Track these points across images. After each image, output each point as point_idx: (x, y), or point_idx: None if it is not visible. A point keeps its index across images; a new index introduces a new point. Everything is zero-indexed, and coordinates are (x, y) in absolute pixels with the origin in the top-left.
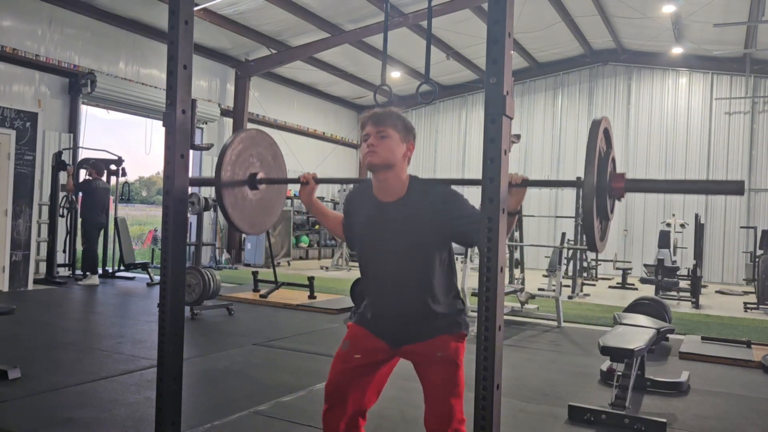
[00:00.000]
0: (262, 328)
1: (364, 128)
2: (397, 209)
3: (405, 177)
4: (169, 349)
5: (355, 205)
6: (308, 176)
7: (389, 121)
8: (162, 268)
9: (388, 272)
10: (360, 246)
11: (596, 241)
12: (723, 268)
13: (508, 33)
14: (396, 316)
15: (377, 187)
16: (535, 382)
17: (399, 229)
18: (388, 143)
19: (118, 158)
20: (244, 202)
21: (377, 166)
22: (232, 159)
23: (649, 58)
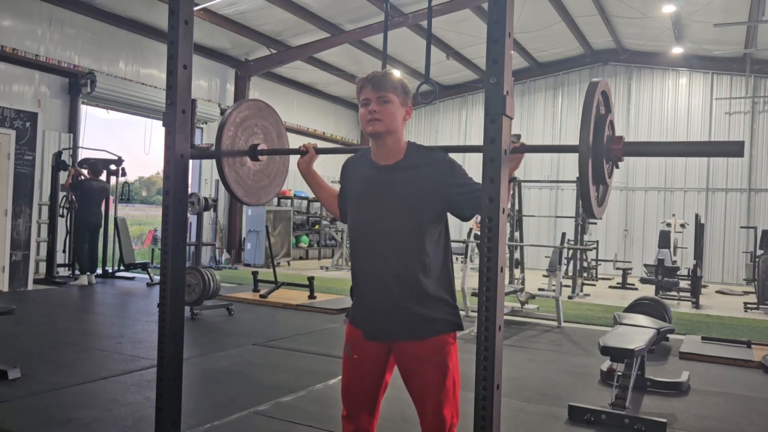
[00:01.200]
0: (262, 328)
1: (363, 92)
2: (394, 172)
3: (403, 141)
4: (169, 349)
5: (353, 171)
6: (309, 145)
7: (389, 84)
8: (162, 268)
9: (383, 237)
10: (355, 211)
11: (593, 207)
12: (723, 268)
13: (508, 33)
14: (388, 289)
15: (376, 151)
16: (535, 382)
17: (398, 191)
18: (390, 108)
19: (118, 158)
20: (243, 168)
21: (380, 133)
22: (236, 121)
23: (649, 58)
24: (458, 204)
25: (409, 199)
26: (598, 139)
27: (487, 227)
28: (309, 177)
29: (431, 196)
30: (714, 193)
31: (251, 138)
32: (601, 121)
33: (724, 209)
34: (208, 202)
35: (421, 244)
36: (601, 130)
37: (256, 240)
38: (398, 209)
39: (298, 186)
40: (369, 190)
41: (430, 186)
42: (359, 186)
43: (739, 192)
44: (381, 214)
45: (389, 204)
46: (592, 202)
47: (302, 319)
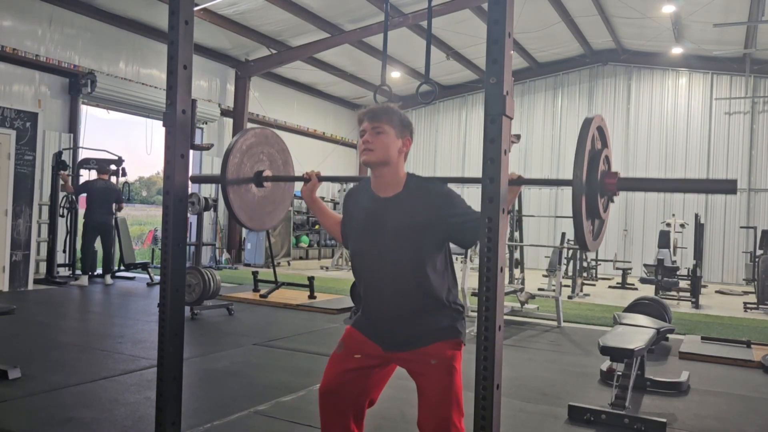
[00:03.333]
0: (262, 328)
1: (361, 124)
2: (394, 204)
3: (402, 173)
4: (169, 349)
5: (354, 201)
6: (311, 173)
7: (385, 116)
8: (162, 268)
9: (384, 267)
10: (356, 241)
11: (586, 241)
12: (723, 268)
13: (508, 33)
14: (391, 313)
15: (375, 182)
16: (535, 382)
17: (395, 223)
18: (384, 139)
19: (118, 158)
20: (248, 194)
21: (373, 163)
22: (242, 148)
23: (649, 58)
24: (457, 233)
25: (409, 232)
26: (592, 175)
27: (487, 227)
28: (312, 204)
29: (430, 228)
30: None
31: (257, 165)
32: (595, 156)
33: (724, 209)
34: (208, 202)
35: (422, 273)
36: (596, 166)
37: (256, 240)
38: (398, 241)
39: (298, 186)
40: (369, 222)
41: (428, 218)
42: (360, 217)
43: (739, 192)
44: (381, 246)
45: (389, 236)
46: (586, 237)
47: (302, 319)
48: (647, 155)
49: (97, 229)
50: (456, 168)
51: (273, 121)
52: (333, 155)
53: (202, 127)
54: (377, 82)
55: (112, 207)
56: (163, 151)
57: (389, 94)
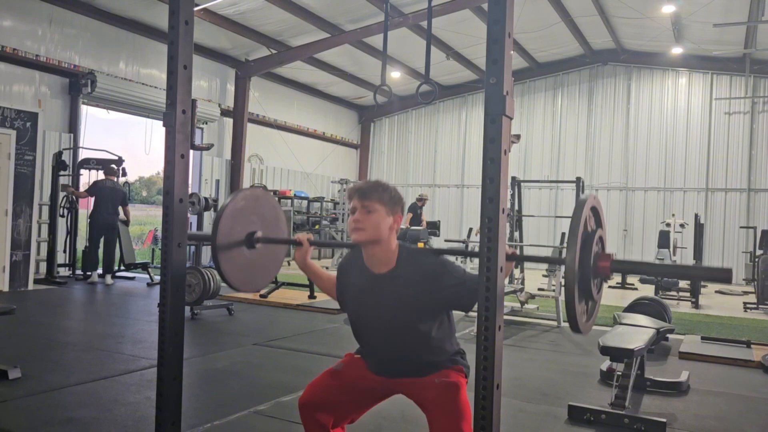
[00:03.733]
0: (262, 328)
1: (351, 200)
2: (388, 281)
3: (394, 247)
4: (169, 349)
5: (347, 274)
6: (302, 238)
7: (375, 194)
8: (162, 268)
9: (382, 340)
10: (352, 313)
11: (579, 323)
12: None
13: (508, 33)
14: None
15: (367, 258)
16: (535, 382)
17: (391, 301)
18: (374, 218)
19: (118, 158)
20: (241, 259)
21: (364, 242)
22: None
23: (649, 58)
24: (455, 302)
25: (406, 310)
26: (584, 257)
27: (487, 227)
28: (306, 269)
29: (427, 302)
30: (713, 193)
31: (248, 226)
32: (589, 237)
33: (724, 209)
34: (208, 202)
35: (422, 340)
36: (589, 248)
37: None
38: (395, 319)
39: (298, 186)
40: (365, 298)
41: (424, 294)
42: (355, 292)
43: (739, 192)
44: (379, 322)
45: (386, 312)
46: (579, 319)
47: (302, 319)
48: (647, 155)
49: (102, 229)
50: (456, 168)
51: (273, 121)
52: (333, 155)
53: (202, 127)
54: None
55: (118, 208)
56: (163, 151)
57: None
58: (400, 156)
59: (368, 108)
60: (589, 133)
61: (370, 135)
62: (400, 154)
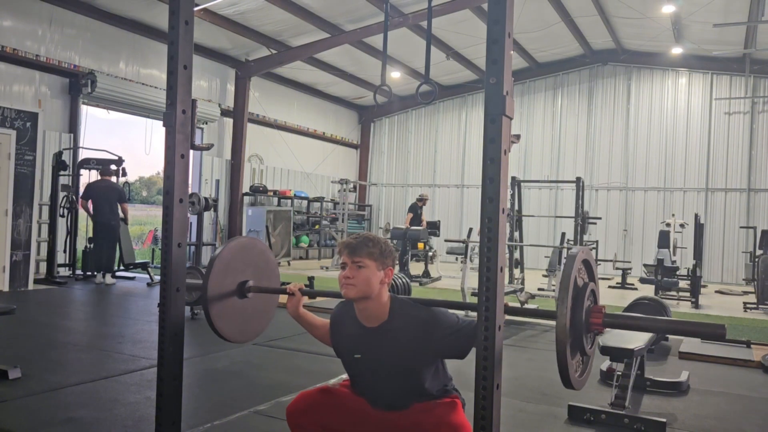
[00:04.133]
0: None
1: (341, 256)
2: (380, 335)
3: (385, 300)
4: (169, 349)
5: (340, 326)
6: (294, 288)
7: (365, 250)
8: (162, 268)
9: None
10: (347, 363)
11: (571, 379)
12: (723, 268)
13: (508, 33)
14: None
15: (359, 312)
16: (535, 382)
17: (384, 354)
18: (365, 274)
19: (118, 158)
20: (233, 311)
21: (354, 298)
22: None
23: (649, 58)
24: (449, 350)
25: (399, 362)
26: (576, 312)
27: (487, 227)
28: (300, 319)
29: (421, 354)
30: (713, 193)
31: (238, 277)
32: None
33: (724, 209)
34: (208, 202)
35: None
36: (581, 302)
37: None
38: (388, 369)
39: (298, 186)
40: (358, 352)
41: (417, 345)
42: (349, 345)
43: (739, 192)
44: (373, 374)
45: (380, 365)
46: (571, 374)
47: None
48: (647, 155)
49: (102, 230)
50: (456, 168)
51: (273, 121)
52: (333, 155)
53: (202, 127)
54: (377, 82)
55: (116, 207)
56: (163, 151)
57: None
58: (400, 156)
59: (368, 108)
60: (589, 133)
61: (370, 135)
62: (400, 154)
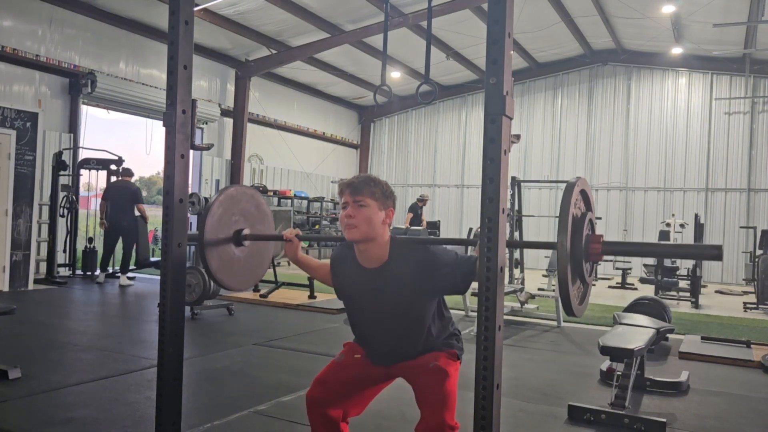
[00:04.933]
0: (262, 328)
1: (342, 196)
2: (380, 275)
3: (386, 241)
4: (169, 349)
5: (340, 268)
6: (290, 235)
7: (367, 189)
8: (162, 268)
9: (379, 333)
10: (348, 306)
11: (573, 306)
12: (723, 268)
13: (508, 33)
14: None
15: (359, 254)
16: (535, 382)
17: (384, 295)
18: (366, 213)
19: (118, 158)
20: (231, 262)
21: (357, 240)
22: (213, 225)
23: (649, 59)
24: (449, 287)
25: (400, 302)
26: (576, 241)
27: (487, 227)
28: (299, 263)
29: (421, 293)
30: (713, 193)
31: (233, 227)
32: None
33: (724, 209)
34: (208, 202)
35: (419, 327)
36: (580, 231)
37: None
38: (391, 311)
39: (298, 186)
40: (359, 294)
41: (418, 284)
42: (350, 288)
43: (739, 192)
44: (375, 316)
45: (381, 307)
46: (572, 302)
47: (302, 319)
48: (647, 155)
49: (116, 230)
50: (456, 168)
51: (273, 121)
52: (333, 155)
53: (202, 127)
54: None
55: (129, 208)
56: (163, 151)
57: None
58: (400, 156)
59: (368, 108)
60: (589, 133)
61: (370, 135)
62: (400, 154)
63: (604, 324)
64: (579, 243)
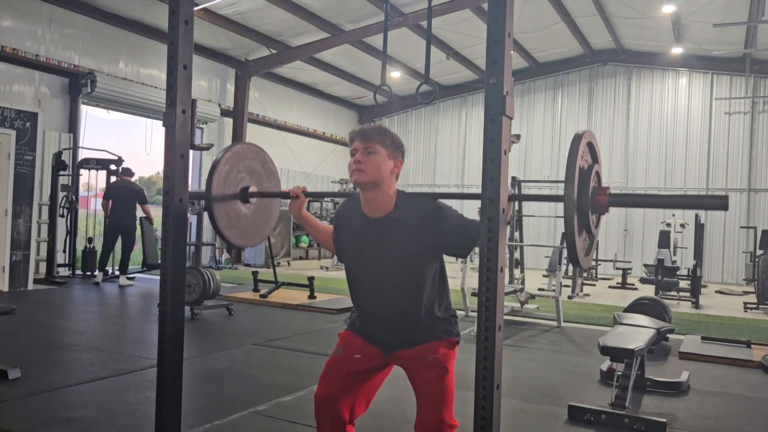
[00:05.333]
0: (262, 328)
1: (352, 143)
2: (385, 225)
3: (393, 192)
4: (169, 349)
5: (344, 220)
6: (297, 190)
7: (377, 137)
8: (162, 268)
9: (378, 287)
10: (349, 260)
11: (579, 258)
12: (723, 268)
13: (508, 33)
14: (387, 326)
15: (365, 203)
16: (535, 382)
17: (388, 245)
18: (375, 159)
19: (118, 158)
20: (239, 219)
21: (364, 184)
22: (220, 182)
23: (649, 58)
24: (452, 246)
25: (403, 252)
26: (583, 192)
27: (487, 227)
28: (302, 221)
29: (424, 246)
30: (713, 193)
31: (239, 184)
32: (586, 172)
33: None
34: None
35: (418, 288)
36: (587, 182)
37: None
38: (393, 262)
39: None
40: (363, 244)
41: (421, 238)
42: (353, 238)
43: (739, 192)
44: (376, 267)
45: (383, 258)
46: (579, 253)
47: (302, 319)
48: (647, 156)
49: (117, 229)
50: (456, 168)
51: (273, 121)
52: (333, 155)
53: (202, 127)
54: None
55: (132, 208)
56: (163, 151)
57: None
58: None
59: (368, 108)
60: None
61: None
62: None
63: (604, 324)
64: (585, 194)
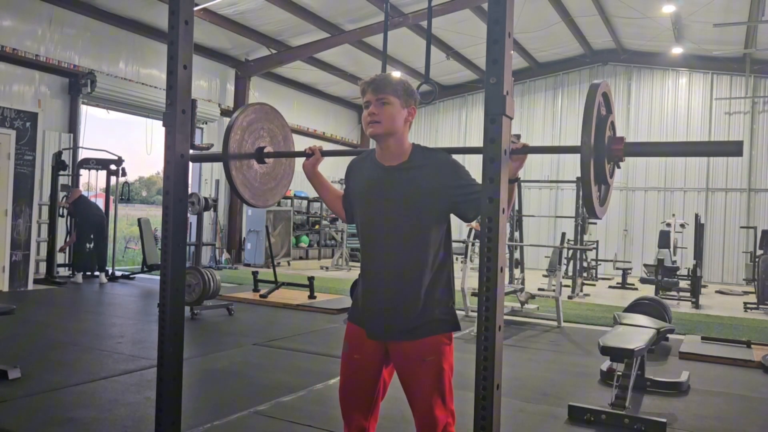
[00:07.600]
0: (262, 328)
1: (365, 95)
2: (398, 172)
3: (407, 143)
4: (169, 349)
5: (357, 170)
6: (315, 148)
7: (390, 87)
8: (162, 268)
9: (387, 235)
10: (361, 209)
11: (596, 207)
12: (723, 268)
13: (508, 33)
14: (387, 294)
15: (380, 153)
16: (535, 382)
17: (400, 190)
18: (389, 110)
19: (118, 158)
20: (249, 171)
21: (379, 135)
22: (243, 125)
23: (649, 58)
24: (461, 205)
25: (413, 200)
26: (599, 141)
27: (487, 227)
28: (314, 179)
29: (434, 197)
30: (714, 193)
31: (258, 141)
32: (602, 122)
33: (724, 209)
34: (208, 202)
35: (424, 244)
36: (602, 131)
37: (256, 240)
38: (402, 209)
39: (298, 186)
40: (374, 191)
41: (433, 187)
42: (364, 186)
43: (739, 192)
44: (385, 214)
45: (393, 204)
46: (594, 203)
47: (302, 319)
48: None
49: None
50: None
51: None
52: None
53: (202, 127)
54: None
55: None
56: (163, 151)
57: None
58: None
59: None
60: None
61: None
62: None
63: (605, 324)
64: (602, 143)
